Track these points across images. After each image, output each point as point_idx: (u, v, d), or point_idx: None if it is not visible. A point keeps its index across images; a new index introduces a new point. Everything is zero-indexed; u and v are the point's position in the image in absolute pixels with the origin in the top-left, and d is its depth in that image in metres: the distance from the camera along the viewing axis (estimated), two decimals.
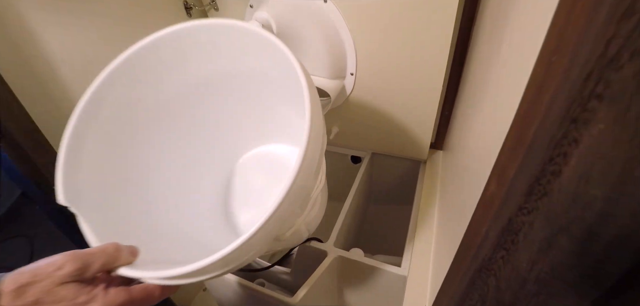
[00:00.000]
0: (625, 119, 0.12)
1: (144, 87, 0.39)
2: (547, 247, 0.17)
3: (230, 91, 0.45)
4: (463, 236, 0.27)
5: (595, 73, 0.12)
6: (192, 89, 0.43)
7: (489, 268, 0.21)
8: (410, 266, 0.60)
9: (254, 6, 0.64)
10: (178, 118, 0.44)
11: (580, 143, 0.13)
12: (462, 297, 0.24)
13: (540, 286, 0.19)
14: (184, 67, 0.40)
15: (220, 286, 0.63)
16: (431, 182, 0.76)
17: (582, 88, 0.12)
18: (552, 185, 0.15)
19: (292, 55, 0.33)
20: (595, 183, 0.14)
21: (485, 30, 0.51)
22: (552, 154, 0.14)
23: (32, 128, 0.47)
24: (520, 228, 0.18)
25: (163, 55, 0.38)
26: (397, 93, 0.68)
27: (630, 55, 0.11)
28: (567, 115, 0.13)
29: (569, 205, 0.15)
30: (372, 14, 0.58)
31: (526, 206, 0.17)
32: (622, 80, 0.11)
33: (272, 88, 0.43)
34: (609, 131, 0.13)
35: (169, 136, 0.44)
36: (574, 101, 0.13)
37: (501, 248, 0.19)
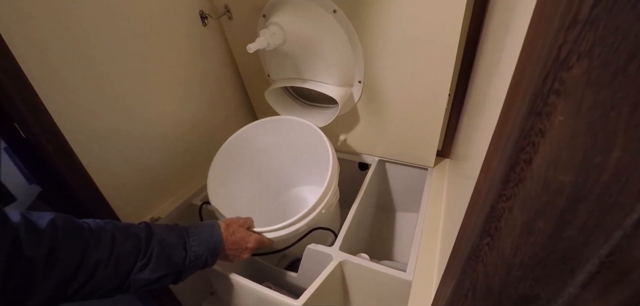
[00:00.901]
0: (580, 111, 0.14)
1: (247, 144, 0.76)
2: (527, 232, 0.19)
3: (282, 152, 0.83)
4: (458, 230, 0.28)
5: (551, 73, 0.14)
6: (267, 146, 0.80)
7: (477, 256, 0.22)
8: (415, 272, 0.61)
9: (266, 16, 0.68)
10: (260, 162, 0.82)
11: (545, 134, 0.16)
12: (456, 286, 0.26)
13: (525, 271, 0.21)
14: (264, 136, 0.77)
15: (228, 289, 0.65)
16: (437, 189, 0.77)
17: (543, 85, 0.15)
18: (526, 172, 0.17)
19: (326, 138, 0.68)
20: (562, 170, 0.16)
21: (490, 41, 0.53)
22: (524, 144, 0.17)
23: (54, 130, 0.51)
24: (501, 214, 0.19)
25: (256, 131, 0.76)
26: (404, 101, 0.70)
27: (577, 57, 0.13)
28: (533, 109, 0.15)
29: (541, 190, 0.17)
30: (381, 23, 0.61)
31: (505, 193, 0.19)
32: (573, 78, 0.14)
33: (308, 153, 0.80)
34: (568, 122, 0.15)
35: (254, 170, 0.81)
36: (537, 97, 0.15)
37: (486, 235, 0.21)
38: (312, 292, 0.57)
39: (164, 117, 0.72)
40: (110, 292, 0.41)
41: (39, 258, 0.33)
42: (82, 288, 0.37)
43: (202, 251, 0.49)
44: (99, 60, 0.57)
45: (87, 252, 0.37)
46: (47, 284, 0.33)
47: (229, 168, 0.71)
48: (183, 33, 0.72)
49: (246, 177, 0.78)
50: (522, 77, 0.17)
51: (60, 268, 0.35)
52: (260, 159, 0.80)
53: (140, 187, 0.70)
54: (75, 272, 0.36)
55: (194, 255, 0.48)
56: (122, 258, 0.40)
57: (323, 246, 0.65)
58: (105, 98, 0.60)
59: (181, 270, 0.46)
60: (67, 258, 0.35)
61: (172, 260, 0.45)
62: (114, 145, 0.63)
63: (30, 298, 0.32)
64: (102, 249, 0.39)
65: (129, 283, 0.41)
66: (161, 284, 0.45)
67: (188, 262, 0.47)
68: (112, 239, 0.40)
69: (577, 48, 0.13)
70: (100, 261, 0.38)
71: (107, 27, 0.57)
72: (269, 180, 0.86)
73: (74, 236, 0.37)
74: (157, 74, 0.68)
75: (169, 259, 0.45)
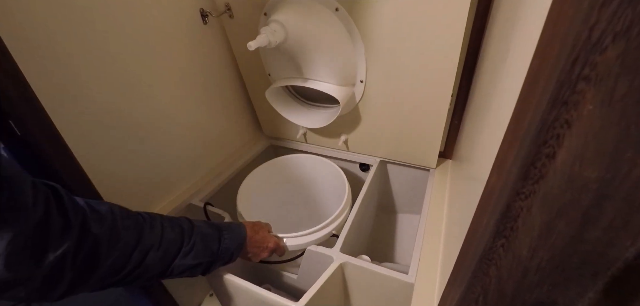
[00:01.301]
0: (612, 100, 0.13)
1: (274, 176, 0.87)
2: (547, 233, 0.18)
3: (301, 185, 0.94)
4: (466, 232, 0.27)
5: (581, 57, 0.13)
6: (289, 178, 0.91)
7: (490, 258, 0.21)
8: (418, 274, 0.59)
9: (267, 14, 0.67)
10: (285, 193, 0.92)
11: (572, 125, 0.14)
12: (465, 291, 0.24)
13: (542, 275, 0.20)
14: (283, 174, 0.90)
15: (227, 291, 0.64)
16: (439, 190, 0.76)
17: (571, 71, 0.13)
18: (548, 168, 0.16)
19: (342, 173, 0.78)
20: (589, 164, 0.15)
21: (494, 40, 0.52)
22: (546, 137, 0.15)
23: (53, 132, 0.50)
24: (518, 213, 0.18)
25: (277, 165, 0.87)
26: (406, 101, 0.69)
27: (612, 38, 0.12)
28: (558, 98, 0.14)
29: (565, 187, 0.16)
30: (383, 22, 0.60)
31: (523, 191, 0.17)
32: (606, 62, 0.12)
33: (329, 180, 0.87)
34: (598, 112, 0.13)
35: (279, 197, 0.92)
36: (563, 84, 0.14)
37: (501, 236, 0.20)
38: (313, 294, 0.56)
39: (163, 115, 0.71)
40: (153, 277, 0.44)
41: (103, 236, 0.37)
42: (135, 269, 0.41)
43: (232, 246, 0.54)
44: (98, 58, 0.56)
45: (142, 236, 0.42)
46: (110, 259, 0.38)
47: (255, 194, 0.82)
48: (183, 31, 0.71)
49: (268, 203, 0.89)
50: (542, 65, 0.16)
51: (121, 247, 0.39)
52: (283, 189, 0.92)
53: (138, 186, 0.69)
54: (132, 252, 0.40)
55: (225, 248, 0.53)
56: (170, 244, 0.45)
57: (323, 247, 0.64)
58: (104, 95, 0.58)
59: (213, 260, 0.51)
60: (127, 239, 0.40)
61: (209, 250, 0.50)
62: (111, 143, 0.62)
63: (95, 271, 0.36)
64: (154, 235, 0.44)
65: (172, 268, 0.46)
66: (194, 272, 0.49)
67: (219, 254, 0.52)
68: (162, 228, 0.45)
69: (613, 28, 0.12)
70: (152, 246, 0.43)
71: (107, 24, 0.56)
72: (290, 209, 0.96)
73: (131, 221, 0.42)
74: (157, 71, 0.67)
75: (206, 249, 0.50)
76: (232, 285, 0.61)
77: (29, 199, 0.31)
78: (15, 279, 0.29)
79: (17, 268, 0.29)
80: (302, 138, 0.94)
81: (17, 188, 0.30)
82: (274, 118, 0.89)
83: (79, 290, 0.36)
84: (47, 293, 0.33)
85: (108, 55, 0.57)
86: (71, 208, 0.35)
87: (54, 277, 0.32)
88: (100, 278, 0.37)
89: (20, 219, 0.30)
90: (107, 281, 0.39)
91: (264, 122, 0.99)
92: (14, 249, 0.29)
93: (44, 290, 0.32)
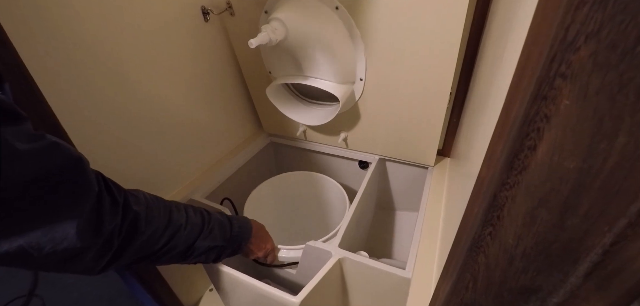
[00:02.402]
0: (586, 95, 0.14)
1: (278, 190, 0.93)
2: (530, 221, 0.19)
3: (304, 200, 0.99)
4: (459, 224, 0.28)
5: (558, 55, 0.14)
6: (289, 196, 0.97)
7: (479, 246, 0.22)
8: (415, 270, 0.60)
9: (268, 12, 0.68)
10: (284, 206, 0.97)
11: (550, 119, 0.15)
12: (456, 279, 0.26)
13: (527, 262, 0.21)
14: (288, 188, 0.95)
15: (227, 285, 0.65)
16: (438, 188, 0.77)
17: (549, 69, 0.15)
18: (530, 159, 0.17)
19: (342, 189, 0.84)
20: (567, 155, 0.16)
21: (492, 39, 0.53)
22: (528, 130, 0.16)
23: (54, 122, 0.51)
24: (504, 203, 0.19)
25: (286, 180, 0.93)
26: (405, 99, 0.70)
27: (585, 39, 0.13)
28: (538, 93, 0.15)
29: (546, 177, 0.17)
30: (383, 20, 0.61)
31: (508, 181, 0.19)
32: (580, 60, 0.13)
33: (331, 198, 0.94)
34: (574, 106, 0.15)
35: (282, 210, 0.97)
36: (543, 81, 0.15)
37: (489, 224, 0.21)
38: (311, 289, 0.57)
39: (164, 112, 0.72)
40: (177, 256, 0.49)
41: (141, 211, 0.42)
42: (166, 244, 0.45)
43: (240, 234, 0.58)
44: (99, 53, 0.57)
45: (172, 215, 0.47)
46: (146, 234, 0.42)
47: (261, 206, 0.88)
48: (185, 29, 0.72)
49: (271, 217, 0.93)
50: (527, 63, 0.17)
51: (156, 222, 0.44)
52: (284, 203, 0.97)
53: (139, 181, 0.70)
54: (165, 228, 0.45)
55: (235, 235, 0.57)
56: (194, 226, 0.50)
57: (322, 243, 0.65)
58: (104, 92, 0.59)
59: (225, 246, 0.56)
60: (161, 216, 0.45)
61: (223, 235, 0.55)
62: (112, 139, 0.63)
63: (134, 243, 0.41)
64: (181, 216, 0.49)
65: (193, 249, 0.50)
66: (209, 256, 0.54)
67: (230, 240, 0.56)
68: (186, 210, 0.51)
69: (585, 29, 0.13)
70: (181, 225, 0.48)
71: (108, 20, 0.57)
72: (293, 223, 1.01)
73: (160, 203, 0.47)
74: (158, 68, 0.68)
75: (221, 234, 0.55)
76: (232, 279, 0.63)
77: (92, 177, 0.36)
78: (82, 248, 0.33)
79: (85, 238, 0.33)
80: (302, 136, 0.95)
81: (87, 168, 0.35)
82: (274, 115, 0.90)
83: (117, 263, 0.40)
84: (96, 261, 0.36)
85: (109, 51, 0.58)
86: (114, 187, 0.39)
87: (106, 246, 0.37)
88: (136, 251, 0.41)
89: (89, 195, 0.34)
90: (141, 254, 0.43)
91: (265, 119, 1.00)
92: (83, 220, 0.33)
93: (95, 259, 0.36)
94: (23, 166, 0.27)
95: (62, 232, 0.31)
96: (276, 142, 1.06)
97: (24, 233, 0.29)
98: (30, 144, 0.28)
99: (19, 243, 0.29)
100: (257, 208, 0.84)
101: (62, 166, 0.31)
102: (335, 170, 1.02)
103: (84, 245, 0.33)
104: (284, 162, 1.12)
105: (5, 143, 0.26)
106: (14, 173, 0.27)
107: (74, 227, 0.32)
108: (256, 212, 0.82)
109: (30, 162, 0.28)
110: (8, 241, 0.28)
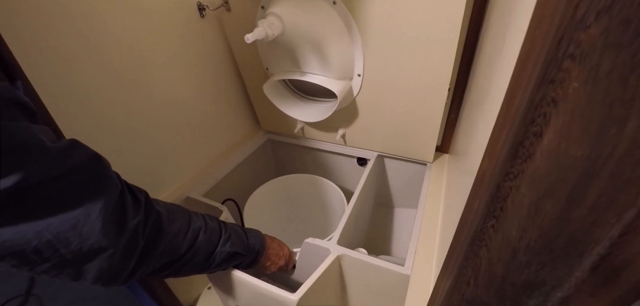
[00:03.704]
0: (596, 77, 0.13)
1: (278, 193, 0.93)
2: (535, 212, 0.18)
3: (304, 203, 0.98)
4: (459, 218, 0.27)
5: (566, 35, 0.13)
6: (288, 198, 0.97)
7: (481, 240, 0.21)
8: (414, 266, 0.60)
9: (265, 7, 0.67)
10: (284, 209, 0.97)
11: (558, 104, 0.15)
12: (457, 274, 0.25)
13: (531, 255, 0.20)
14: (287, 191, 0.95)
15: (225, 283, 0.65)
16: (436, 184, 0.77)
17: (557, 50, 0.14)
18: (535, 147, 0.16)
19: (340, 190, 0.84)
20: (574, 143, 0.15)
21: (491, 33, 0.53)
22: (534, 115, 0.16)
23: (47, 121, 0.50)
24: (508, 193, 0.19)
25: (282, 183, 0.93)
26: (403, 95, 0.69)
27: (595, 16, 0.12)
28: (545, 77, 0.15)
29: (552, 166, 0.16)
30: (381, 15, 0.60)
31: (512, 171, 0.18)
32: (590, 39, 0.13)
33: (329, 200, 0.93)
34: (582, 89, 0.14)
35: (281, 212, 0.97)
36: (550, 63, 0.14)
37: (491, 217, 0.20)
38: (310, 286, 0.56)
39: (160, 109, 0.71)
40: (201, 264, 0.48)
41: (163, 213, 0.42)
42: (190, 249, 0.44)
43: (256, 244, 0.57)
44: (94, 50, 0.56)
45: (191, 220, 0.46)
46: (169, 236, 0.42)
47: (260, 209, 0.88)
48: (181, 25, 0.71)
49: (270, 220, 0.93)
50: (532, 47, 0.16)
51: (177, 224, 0.43)
52: (284, 205, 0.96)
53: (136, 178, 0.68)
54: (187, 231, 0.44)
55: (252, 245, 0.56)
56: (213, 231, 0.49)
57: (321, 240, 0.64)
58: (99, 89, 0.58)
59: (245, 253, 0.54)
60: (180, 219, 0.44)
61: (241, 242, 0.54)
62: (108, 136, 0.62)
63: (159, 244, 0.40)
64: (199, 221, 0.48)
65: (215, 254, 0.49)
66: (231, 262, 0.53)
67: (248, 248, 0.55)
68: (203, 217, 0.49)
69: (596, 5, 0.12)
70: (201, 229, 0.47)
71: (102, 17, 0.56)
72: (292, 225, 1.00)
73: (178, 208, 0.46)
74: (153, 65, 0.67)
75: (239, 240, 0.54)
76: (230, 277, 0.62)
77: (113, 173, 0.36)
78: (107, 245, 0.33)
79: (110, 235, 0.33)
80: (300, 133, 0.94)
81: (107, 166, 0.36)
82: (272, 112, 0.89)
83: (144, 267, 0.39)
84: (123, 262, 0.36)
85: (104, 48, 0.57)
86: (134, 187, 0.39)
87: (130, 245, 0.36)
88: (160, 254, 0.41)
89: (111, 188, 0.34)
90: (166, 259, 0.42)
91: (262, 116, 0.99)
92: (108, 216, 0.33)
93: (122, 259, 0.36)
94: (52, 162, 0.28)
95: (89, 227, 0.31)
96: (274, 140, 1.05)
97: (52, 228, 0.29)
98: (54, 143, 0.29)
99: (47, 238, 0.29)
100: (256, 212, 0.84)
101: (84, 163, 0.32)
102: (333, 167, 1.01)
103: (110, 243, 0.33)
104: (282, 160, 1.11)
105: (37, 140, 0.27)
106: (46, 169, 0.27)
107: (100, 221, 0.32)
108: (255, 216, 0.82)
109: (57, 159, 0.29)
110: (38, 236, 0.28)
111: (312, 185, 0.93)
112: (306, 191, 0.95)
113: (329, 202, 0.93)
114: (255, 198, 0.86)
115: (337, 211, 0.89)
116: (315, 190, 0.94)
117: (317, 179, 0.91)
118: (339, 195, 0.83)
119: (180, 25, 0.71)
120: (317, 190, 0.93)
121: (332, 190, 0.87)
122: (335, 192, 0.85)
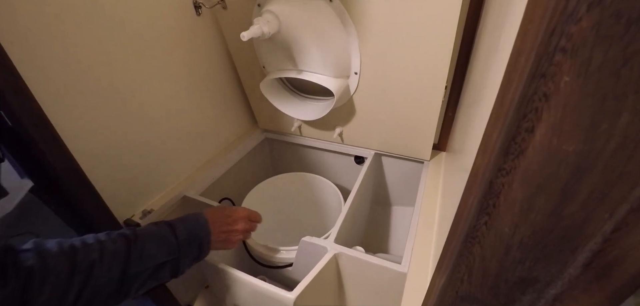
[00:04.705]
0: (588, 71, 0.13)
1: (274, 192, 0.92)
2: (527, 209, 0.18)
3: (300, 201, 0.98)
4: (454, 215, 0.27)
5: (558, 27, 0.13)
6: (285, 197, 0.96)
7: (474, 236, 0.21)
8: (411, 264, 0.60)
9: (261, 5, 0.67)
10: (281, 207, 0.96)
11: (550, 98, 0.14)
12: (451, 271, 0.25)
13: (524, 252, 0.20)
14: (284, 190, 0.94)
15: (222, 282, 0.64)
16: (433, 182, 0.77)
17: (548, 43, 0.14)
18: (527, 142, 0.16)
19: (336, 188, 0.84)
20: (566, 138, 0.15)
21: (487, 31, 0.53)
22: (526, 111, 0.15)
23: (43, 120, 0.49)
24: (500, 190, 0.18)
25: (279, 182, 0.93)
26: (400, 93, 0.69)
27: (587, 8, 0.12)
28: (537, 71, 0.14)
29: (544, 162, 0.16)
30: (378, 13, 0.60)
31: (505, 167, 0.18)
32: (582, 32, 0.13)
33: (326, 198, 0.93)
34: (574, 83, 0.14)
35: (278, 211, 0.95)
36: (542, 57, 0.14)
37: (484, 213, 0.20)
38: (307, 284, 0.56)
39: (156, 108, 0.70)
40: (115, 294, 0.41)
41: (35, 272, 0.34)
42: (81, 292, 0.37)
43: (191, 235, 0.50)
44: (89, 47, 0.55)
45: (77, 255, 0.38)
46: (43, 292, 0.34)
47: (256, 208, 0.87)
48: (176, 23, 0.70)
49: (267, 219, 0.92)
50: (524, 40, 0.16)
51: (53, 278, 0.35)
52: (281, 204, 0.95)
53: (132, 178, 0.68)
54: (71, 276, 0.37)
55: (184, 239, 0.49)
56: (114, 255, 0.41)
57: (318, 238, 0.64)
58: (96, 87, 0.58)
59: (177, 256, 0.48)
60: (59, 266, 0.36)
61: (165, 247, 0.47)
62: (104, 136, 0.61)
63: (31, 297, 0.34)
64: (91, 250, 0.40)
65: (130, 278, 0.42)
66: (162, 274, 0.46)
67: (181, 247, 0.48)
68: (99, 241, 0.41)
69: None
70: (94, 262, 0.39)
71: (97, 15, 0.55)
72: (289, 224, 0.99)
73: (62, 251, 0.38)
74: (149, 64, 0.66)
75: (161, 247, 0.46)
76: (227, 276, 0.62)
77: None
78: None
79: None
80: (297, 131, 0.94)
81: None
82: (269, 110, 0.89)
83: None
84: None
85: (99, 47, 0.57)
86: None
87: None
88: None
89: None
90: None
91: (259, 114, 0.98)
92: None
93: None
94: None
95: None
96: (271, 138, 1.05)
97: None
98: None
99: None
100: None
101: None
102: (330, 165, 1.01)
103: None
104: (279, 158, 1.11)
105: None
106: None
107: None
108: None
109: None
110: None
111: (309, 183, 0.92)
112: (303, 189, 0.94)
113: (326, 200, 0.92)
114: (252, 196, 0.85)
115: (334, 209, 0.88)
116: (312, 189, 0.93)
117: (314, 177, 0.90)
118: (336, 194, 0.83)
119: (176, 23, 0.70)
120: (314, 189, 0.93)
121: (329, 189, 0.87)
122: (333, 191, 0.85)
